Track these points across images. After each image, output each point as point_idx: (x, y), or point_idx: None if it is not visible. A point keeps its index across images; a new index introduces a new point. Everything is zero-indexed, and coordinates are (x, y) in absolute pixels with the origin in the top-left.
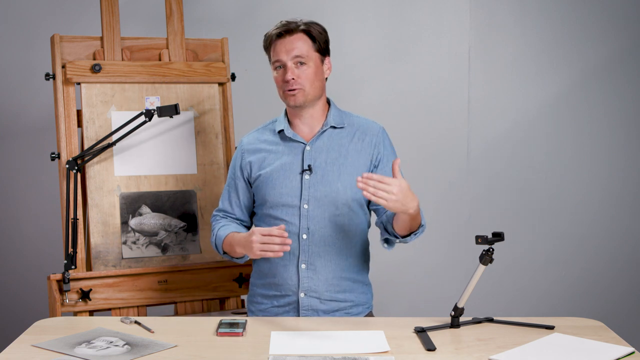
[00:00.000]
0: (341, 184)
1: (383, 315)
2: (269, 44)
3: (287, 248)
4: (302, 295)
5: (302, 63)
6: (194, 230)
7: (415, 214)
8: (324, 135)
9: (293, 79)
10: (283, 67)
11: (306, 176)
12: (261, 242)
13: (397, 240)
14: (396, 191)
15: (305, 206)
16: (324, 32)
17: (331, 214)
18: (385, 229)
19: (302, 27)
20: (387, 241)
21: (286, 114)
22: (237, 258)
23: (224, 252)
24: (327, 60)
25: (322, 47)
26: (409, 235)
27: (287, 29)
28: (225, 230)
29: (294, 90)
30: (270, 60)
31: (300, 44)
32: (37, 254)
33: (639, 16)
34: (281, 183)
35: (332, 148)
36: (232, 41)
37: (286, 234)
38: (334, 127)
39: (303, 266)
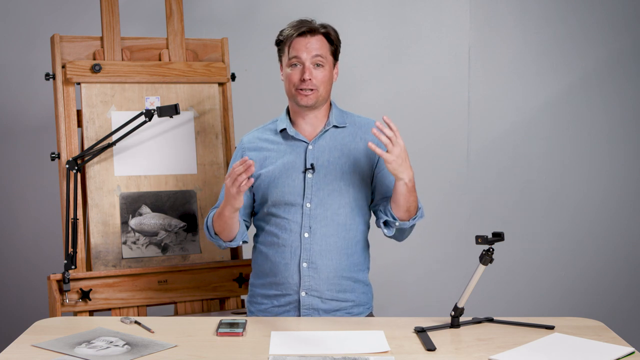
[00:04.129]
0: (344, 183)
1: (383, 315)
2: (287, 40)
3: (252, 169)
4: (303, 294)
5: (319, 65)
6: (194, 230)
7: (411, 186)
8: (326, 134)
9: (310, 79)
10: (301, 65)
11: (309, 175)
12: (232, 181)
13: (397, 224)
14: (402, 144)
15: (308, 205)
16: (338, 37)
17: (333, 213)
18: (384, 213)
19: (322, 30)
20: (385, 224)
21: (287, 113)
22: (228, 242)
23: (215, 234)
24: (336, 65)
25: (337, 52)
26: (407, 220)
27: (310, 29)
28: (215, 211)
29: (308, 90)
30: (282, 56)
31: (321, 46)
32: (37, 254)
33: (639, 17)
34: (284, 182)
35: (334, 147)
36: (232, 41)
37: (246, 157)
38: (336, 127)
39: (304, 265)
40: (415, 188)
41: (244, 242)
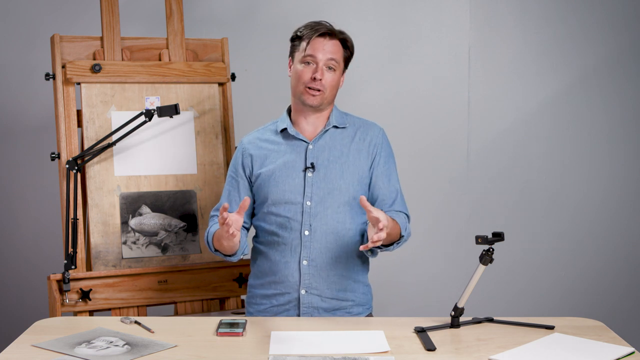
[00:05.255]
0: (344, 181)
1: (383, 315)
2: (306, 38)
3: (229, 222)
4: (303, 292)
5: (331, 68)
6: (194, 230)
7: (393, 235)
8: (326, 134)
9: (320, 80)
10: (314, 64)
11: (309, 174)
12: (221, 224)
13: (380, 250)
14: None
15: (308, 203)
16: (353, 46)
17: (333, 211)
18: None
19: (340, 35)
20: (370, 250)
21: (288, 113)
22: (228, 256)
23: (216, 250)
24: (344, 73)
25: (348, 60)
26: (390, 244)
27: (330, 31)
28: (216, 227)
29: (316, 90)
30: (295, 52)
31: (337, 50)
32: (37, 254)
33: (639, 16)
34: (284, 180)
35: (334, 147)
36: (232, 41)
37: (226, 207)
38: (336, 127)
39: (305, 262)
40: (404, 221)
41: (244, 254)
